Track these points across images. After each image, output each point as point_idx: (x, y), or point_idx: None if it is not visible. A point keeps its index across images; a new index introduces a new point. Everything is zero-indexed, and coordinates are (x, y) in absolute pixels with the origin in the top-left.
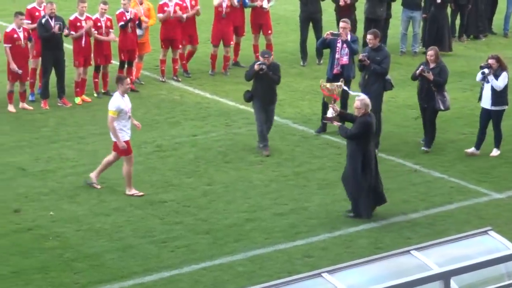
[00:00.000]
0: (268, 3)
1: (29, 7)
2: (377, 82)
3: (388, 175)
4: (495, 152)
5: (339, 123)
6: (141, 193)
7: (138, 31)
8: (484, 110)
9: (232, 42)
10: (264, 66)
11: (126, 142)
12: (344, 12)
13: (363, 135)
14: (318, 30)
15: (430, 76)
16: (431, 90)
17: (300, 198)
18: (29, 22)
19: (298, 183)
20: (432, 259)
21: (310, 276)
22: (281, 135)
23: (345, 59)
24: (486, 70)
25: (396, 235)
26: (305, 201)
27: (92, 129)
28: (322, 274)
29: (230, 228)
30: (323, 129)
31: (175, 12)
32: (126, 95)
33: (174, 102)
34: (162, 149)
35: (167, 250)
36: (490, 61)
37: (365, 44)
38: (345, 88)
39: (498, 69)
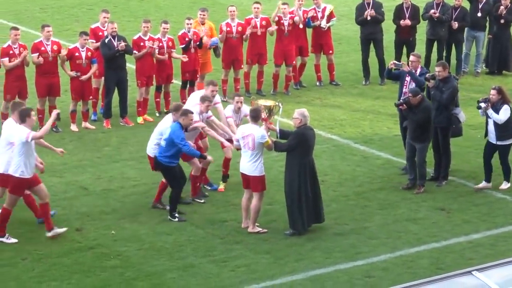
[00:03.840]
0: (327, 22)
1: (93, 26)
2: (442, 114)
3: (449, 196)
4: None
5: (273, 140)
6: (265, 230)
7: (214, 39)
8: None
9: (294, 62)
10: (397, 102)
11: (263, 176)
12: (404, 33)
13: (298, 146)
14: (379, 50)
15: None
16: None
17: (360, 218)
18: (94, 41)
19: (359, 203)
20: (494, 280)
21: None
22: (342, 155)
23: None
24: (482, 104)
25: (457, 255)
26: (366, 221)
27: None
28: None
29: (290, 247)
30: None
31: (238, 32)
32: None
33: None
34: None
35: (227, 270)
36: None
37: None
38: (281, 108)
39: (499, 101)
